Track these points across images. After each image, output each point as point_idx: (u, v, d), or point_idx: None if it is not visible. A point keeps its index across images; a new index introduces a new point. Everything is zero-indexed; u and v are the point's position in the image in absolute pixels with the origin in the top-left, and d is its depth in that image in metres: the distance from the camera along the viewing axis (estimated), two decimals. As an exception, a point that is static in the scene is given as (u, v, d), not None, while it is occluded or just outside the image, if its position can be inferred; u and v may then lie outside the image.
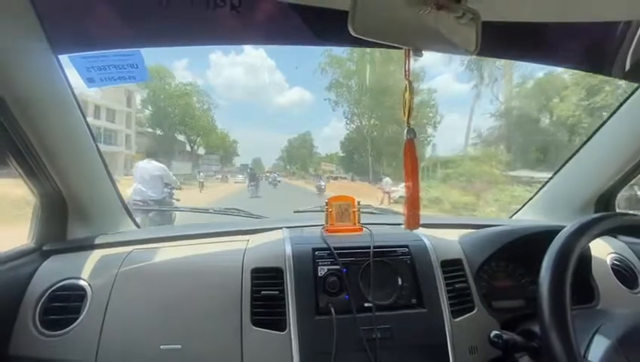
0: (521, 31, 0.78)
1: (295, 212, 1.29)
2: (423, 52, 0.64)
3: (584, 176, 1.15)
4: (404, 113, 0.67)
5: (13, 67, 0.66)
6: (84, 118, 0.86)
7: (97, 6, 0.72)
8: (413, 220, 0.67)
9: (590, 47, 0.89)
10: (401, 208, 0.85)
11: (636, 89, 0.94)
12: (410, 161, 0.66)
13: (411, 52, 0.63)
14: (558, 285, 0.55)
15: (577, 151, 1.14)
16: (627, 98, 0.97)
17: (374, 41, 0.59)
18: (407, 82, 0.66)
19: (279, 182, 17.89)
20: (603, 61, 0.92)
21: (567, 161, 1.18)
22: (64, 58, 0.75)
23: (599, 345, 0.58)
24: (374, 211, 1.30)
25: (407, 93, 0.66)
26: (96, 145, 0.92)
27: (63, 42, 0.72)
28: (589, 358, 0.58)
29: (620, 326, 0.62)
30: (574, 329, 0.52)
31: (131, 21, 0.78)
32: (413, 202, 0.67)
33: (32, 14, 0.65)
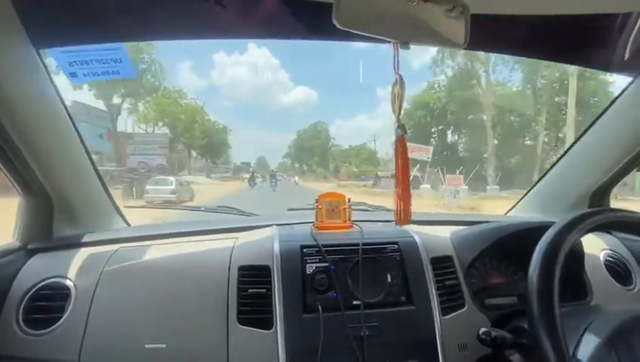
0: (512, 24, 0.76)
1: (289, 210, 1.29)
2: (411, 45, 0.63)
3: (578, 172, 1.14)
4: (394, 110, 0.66)
5: None
6: (69, 113, 0.84)
7: (78, -2, 0.71)
8: (404, 216, 0.67)
9: (584, 41, 0.87)
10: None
11: (629, 84, 0.93)
12: (401, 157, 0.66)
13: (399, 45, 0.62)
14: (546, 280, 0.54)
15: (571, 147, 1.13)
16: (620, 94, 0.96)
17: (361, 33, 0.58)
18: (396, 76, 0.65)
19: (279, 180, 15.43)
20: (598, 55, 0.91)
21: (561, 157, 1.17)
22: (45, 53, 0.74)
23: (589, 343, 0.57)
24: (367, 208, 1.29)
25: (398, 87, 0.65)
26: (83, 142, 0.91)
27: (43, 36, 0.70)
28: (578, 356, 0.56)
29: (610, 323, 0.60)
30: (563, 324, 0.51)
31: (115, 14, 0.76)
32: (404, 198, 0.67)
33: (9, 6, 0.63)
